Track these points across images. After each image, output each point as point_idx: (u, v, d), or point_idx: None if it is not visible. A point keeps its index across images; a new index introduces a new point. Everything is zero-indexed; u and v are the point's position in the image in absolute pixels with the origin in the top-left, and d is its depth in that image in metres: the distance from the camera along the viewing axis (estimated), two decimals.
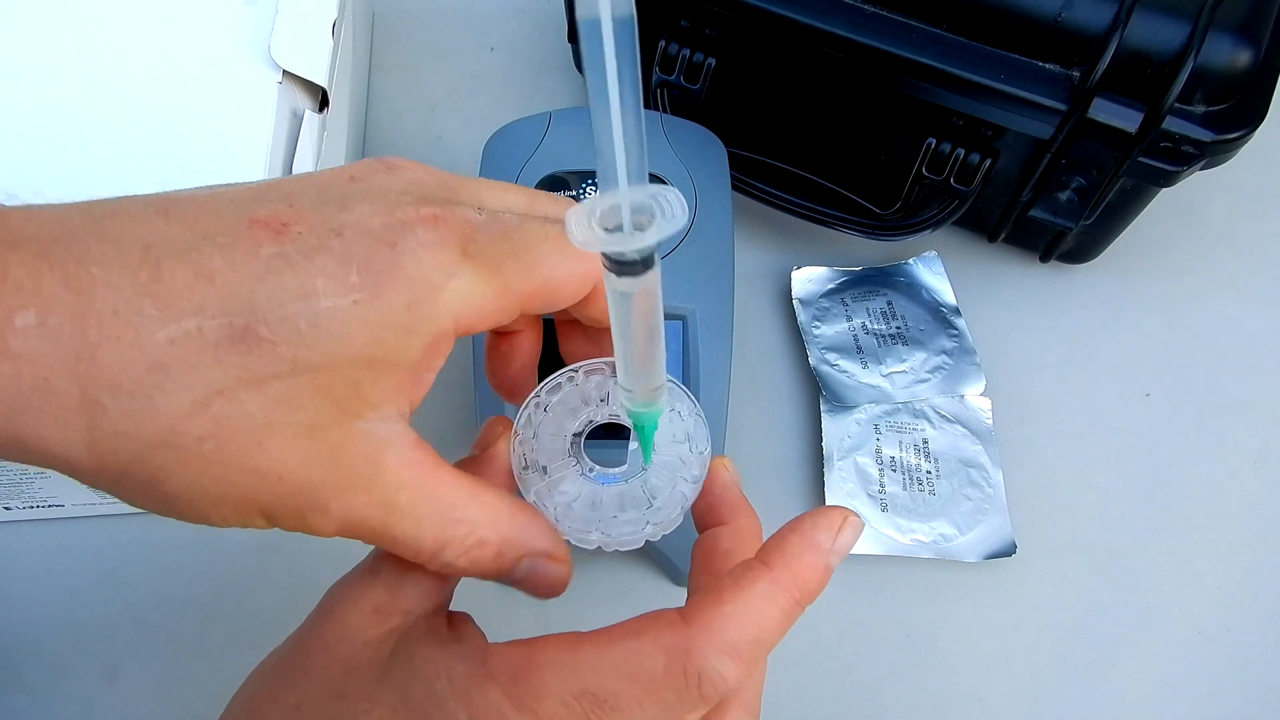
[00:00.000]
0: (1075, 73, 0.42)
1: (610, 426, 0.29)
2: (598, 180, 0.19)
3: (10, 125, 0.39)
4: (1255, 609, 0.43)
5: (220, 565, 0.43)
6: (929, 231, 0.47)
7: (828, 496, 0.44)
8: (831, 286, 0.51)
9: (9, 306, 0.20)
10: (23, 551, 0.43)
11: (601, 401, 0.28)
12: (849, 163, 0.50)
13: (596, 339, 0.29)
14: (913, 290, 0.51)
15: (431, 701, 0.23)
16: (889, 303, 0.50)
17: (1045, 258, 0.52)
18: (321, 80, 0.42)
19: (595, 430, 0.29)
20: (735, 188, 0.46)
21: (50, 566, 0.43)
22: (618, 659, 0.22)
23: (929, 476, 0.45)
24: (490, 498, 0.25)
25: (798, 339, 0.50)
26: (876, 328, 0.49)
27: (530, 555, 0.26)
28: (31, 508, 0.43)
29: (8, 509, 0.43)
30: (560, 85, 0.57)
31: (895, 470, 0.45)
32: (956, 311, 0.50)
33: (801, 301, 0.50)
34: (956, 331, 0.49)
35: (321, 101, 0.42)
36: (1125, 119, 0.42)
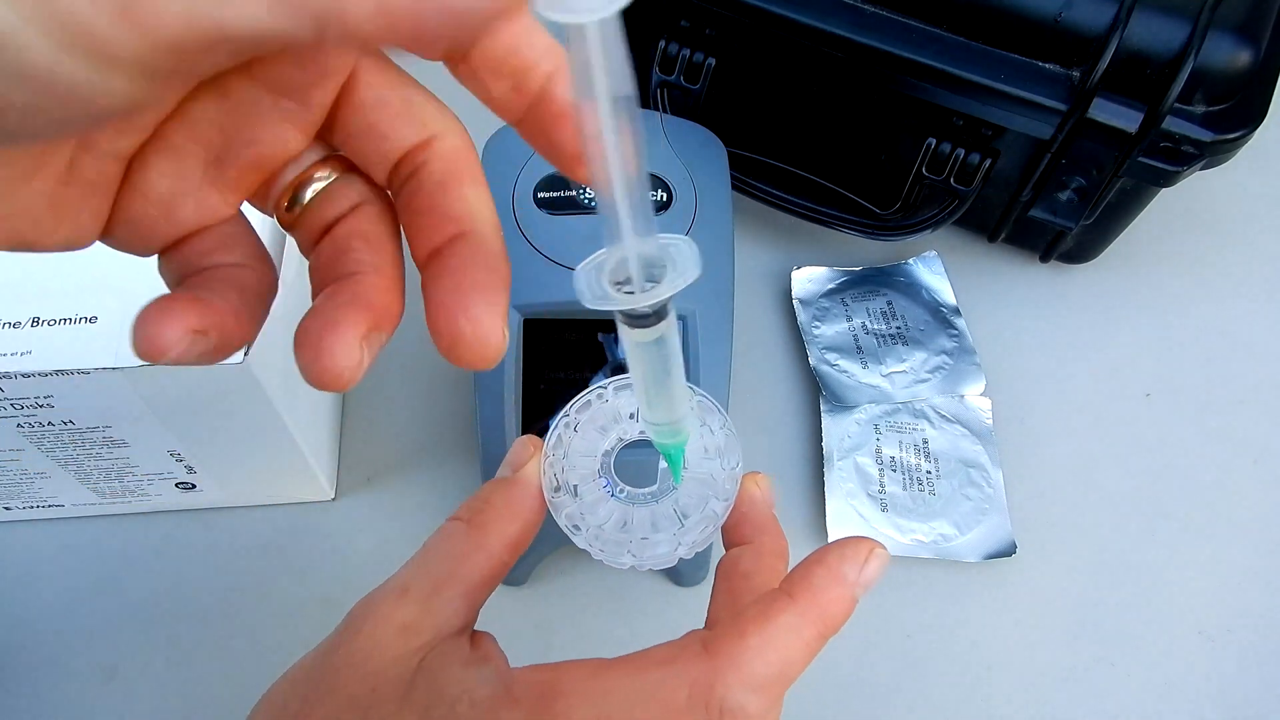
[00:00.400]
0: (1075, 73, 0.42)
1: (643, 440, 0.28)
2: (603, 229, 0.19)
3: None
4: (1255, 609, 0.43)
5: (220, 565, 0.43)
6: (929, 231, 0.47)
7: (828, 496, 0.44)
8: (831, 286, 0.51)
9: None
10: (23, 551, 0.43)
11: (631, 418, 0.28)
12: (849, 163, 0.50)
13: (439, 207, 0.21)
14: (913, 290, 0.51)
15: None
16: (889, 303, 0.50)
17: (1045, 258, 0.52)
18: None
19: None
20: (735, 188, 0.46)
21: (50, 566, 0.43)
22: (642, 689, 0.22)
23: (929, 476, 0.45)
24: None
25: (798, 339, 0.50)
26: (876, 328, 0.49)
27: None
28: (31, 508, 0.43)
29: (8, 509, 0.43)
30: None
31: (895, 470, 0.45)
32: (956, 311, 0.50)
33: (801, 301, 0.50)
34: (956, 331, 0.49)
35: None
36: (1125, 119, 0.42)
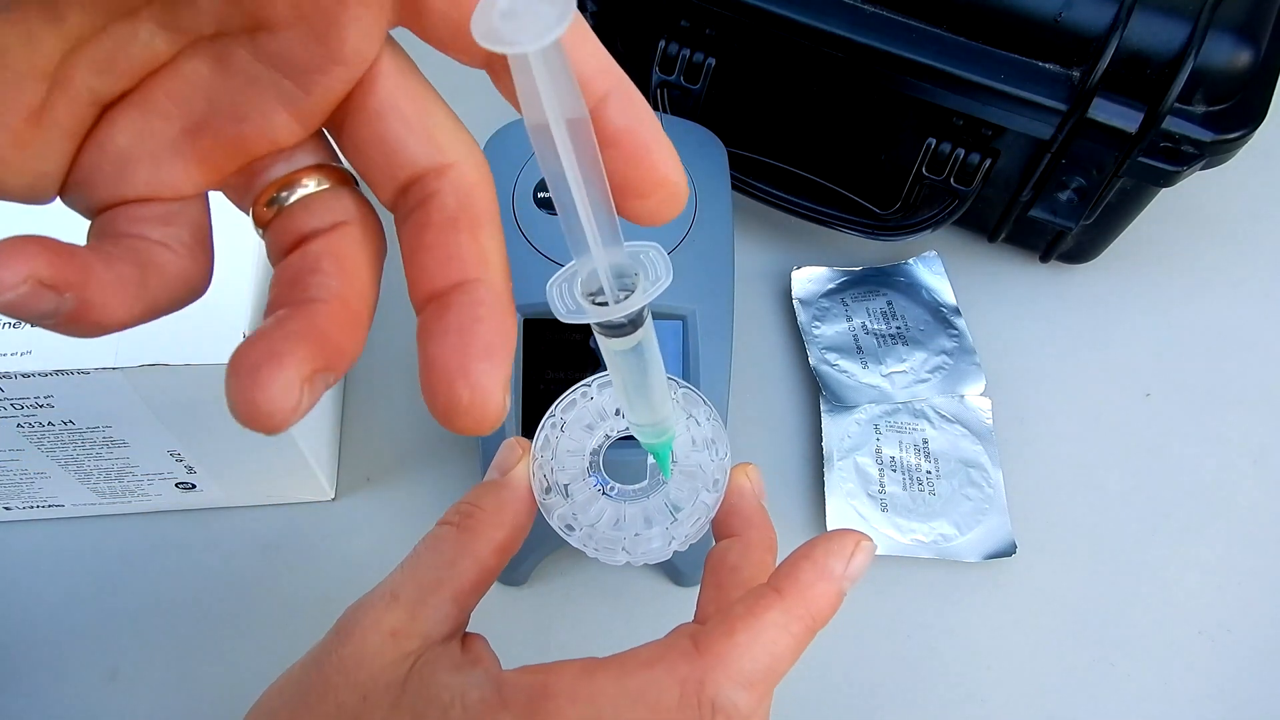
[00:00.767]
0: (1075, 73, 0.42)
1: (630, 436, 0.28)
2: (569, 244, 0.19)
3: None
4: (1255, 609, 0.43)
5: (220, 565, 0.43)
6: (929, 231, 0.47)
7: (828, 496, 0.44)
8: (831, 286, 0.51)
9: None
10: (23, 551, 0.43)
11: (617, 414, 0.28)
12: (849, 163, 0.50)
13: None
14: (913, 290, 0.51)
15: None
16: (889, 303, 0.50)
17: (1045, 258, 0.52)
18: None
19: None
20: (735, 188, 0.46)
21: (50, 566, 0.43)
22: (632, 689, 0.22)
23: (929, 476, 0.45)
24: None
25: (798, 339, 0.50)
26: (876, 328, 0.49)
27: None
28: (31, 508, 0.43)
29: (8, 509, 0.43)
30: None
31: (895, 470, 0.45)
32: (956, 311, 0.50)
33: (801, 301, 0.50)
34: (956, 331, 0.49)
35: None
36: (1125, 119, 0.42)
